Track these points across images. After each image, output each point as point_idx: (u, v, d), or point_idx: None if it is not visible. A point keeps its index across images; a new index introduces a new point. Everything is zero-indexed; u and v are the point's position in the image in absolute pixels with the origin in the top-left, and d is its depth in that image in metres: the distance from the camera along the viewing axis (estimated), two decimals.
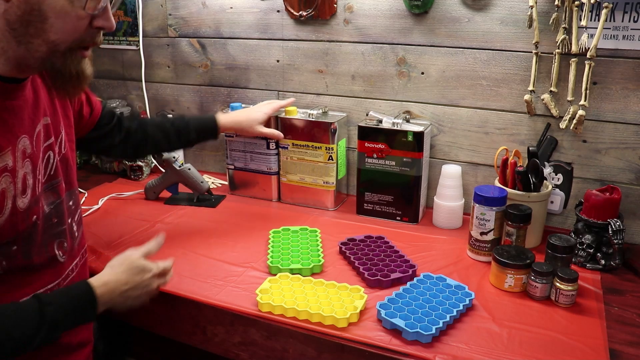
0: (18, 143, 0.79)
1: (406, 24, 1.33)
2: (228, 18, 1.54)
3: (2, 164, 0.76)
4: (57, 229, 0.90)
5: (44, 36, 0.73)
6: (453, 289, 1.00)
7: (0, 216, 0.76)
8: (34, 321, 0.77)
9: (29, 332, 0.76)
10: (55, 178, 0.89)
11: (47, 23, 0.72)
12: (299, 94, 1.53)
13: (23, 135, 0.80)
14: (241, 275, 1.08)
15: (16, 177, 0.79)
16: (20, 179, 0.80)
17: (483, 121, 1.33)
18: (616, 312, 0.97)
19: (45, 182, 0.87)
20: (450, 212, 1.31)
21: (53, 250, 0.89)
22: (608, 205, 1.10)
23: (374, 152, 1.32)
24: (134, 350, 1.27)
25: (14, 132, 0.79)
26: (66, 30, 0.74)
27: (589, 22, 1.10)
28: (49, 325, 0.78)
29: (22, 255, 0.82)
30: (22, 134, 0.80)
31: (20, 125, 0.80)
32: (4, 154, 0.76)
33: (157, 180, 1.48)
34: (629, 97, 1.17)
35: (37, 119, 0.85)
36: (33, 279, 0.85)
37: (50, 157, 0.88)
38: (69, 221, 0.93)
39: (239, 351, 0.98)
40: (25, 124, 0.81)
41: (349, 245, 1.18)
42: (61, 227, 0.91)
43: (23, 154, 0.80)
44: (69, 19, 0.73)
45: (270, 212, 1.43)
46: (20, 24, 0.72)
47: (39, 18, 0.72)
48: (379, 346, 0.86)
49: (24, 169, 0.81)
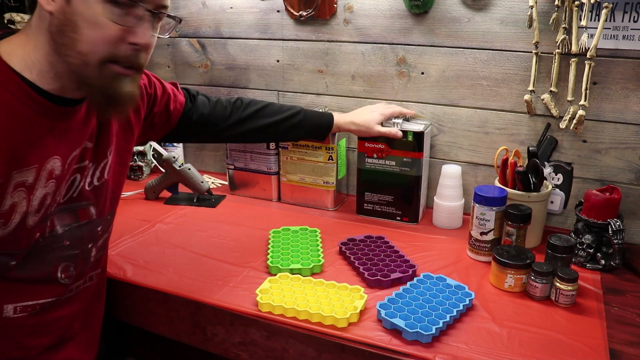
0: (47, 163, 0.78)
1: (406, 24, 1.33)
2: (228, 18, 1.54)
3: (21, 179, 0.75)
4: (66, 252, 0.88)
5: (76, 47, 0.72)
6: (453, 289, 1.00)
7: (4, 228, 0.76)
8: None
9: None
10: (78, 201, 0.87)
11: (78, 33, 0.72)
12: (299, 94, 1.53)
13: (55, 157, 0.79)
14: (241, 275, 1.08)
15: (33, 194, 0.78)
16: (38, 198, 0.79)
17: (483, 121, 1.33)
18: (616, 312, 0.97)
19: (64, 203, 0.85)
20: (450, 212, 1.31)
21: (56, 272, 0.87)
22: (608, 205, 1.10)
23: (374, 152, 1.32)
24: (134, 350, 1.27)
25: (48, 152, 0.78)
26: (96, 40, 0.72)
27: (589, 22, 1.10)
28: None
29: (17, 267, 0.81)
30: (56, 155, 0.79)
31: (57, 147, 0.79)
32: (27, 169, 0.76)
33: (157, 180, 1.48)
34: (629, 97, 1.17)
35: (77, 144, 0.83)
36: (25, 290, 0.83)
37: (77, 179, 0.86)
38: (88, 246, 0.92)
39: (239, 351, 0.98)
40: (62, 146, 0.80)
41: (349, 245, 1.18)
42: (73, 251, 0.89)
43: (50, 174, 0.79)
44: (98, 28, 0.72)
45: (270, 212, 1.43)
46: (58, 35, 0.72)
47: (72, 28, 0.71)
48: (379, 346, 0.86)
49: (46, 189, 0.79)
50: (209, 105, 1.17)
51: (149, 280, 1.05)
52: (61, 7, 0.71)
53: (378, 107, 1.34)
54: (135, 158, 1.63)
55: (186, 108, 1.13)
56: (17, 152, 0.74)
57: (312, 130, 1.28)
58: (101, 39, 0.72)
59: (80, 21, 0.71)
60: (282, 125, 1.23)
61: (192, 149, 1.75)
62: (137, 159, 1.64)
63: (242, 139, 1.32)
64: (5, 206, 0.74)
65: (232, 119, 1.19)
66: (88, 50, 0.73)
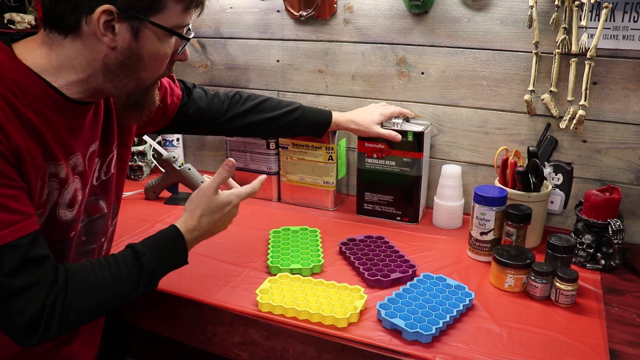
0: (70, 159, 0.81)
1: (406, 24, 1.33)
2: (228, 18, 1.54)
3: (54, 171, 0.78)
4: (85, 247, 0.91)
5: (136, 75, 0.78)
6: (453, 289, 1.00)
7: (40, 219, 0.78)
8: (134, 273, 0.81)
9: (131, 284, 0.81)
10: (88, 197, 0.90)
11: (141, 64, 0.77)
12: (299, 94, 1.53)
13: (77, 153, 0.83)
14: (241, 275, 1.08)
15: (65, 188, 0.81)
16: (70, 192, 0.82)
17: (483, 121, 1.33)
18: (616, 312, 0.97)
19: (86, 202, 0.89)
20: (450, 212, 1.31)
21: None
22: (608, 205, 1.10)
23: (374, 152, 1.32)
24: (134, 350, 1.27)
25: (70, 149, 0.81)
26: (156, 69, 0.80)
27: (589, 22, 1.10)
28: (149, 274, 0.82)
29: None
30: (77, 152, 0.83)
31: (76, 144, 0.83)
32: (59, 164, 0.79)
33: (157, 180, 1.48)
34: (629, 97, 1.17)
35: (91, 141, 0.87)
36: None
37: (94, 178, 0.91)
38: (102, 240, 0.95)
39: (239, 351, 0.98)
40: (79, 144, 0.84)
41: (349, 245, 1.18)
42: (90, 246, 0.92)
43: (73, 170, 0.82)
44: (160, 59, 0.79)
45: (270, 212, 1.43)
46: (118, 67, 0.76)
47: (137, 62, 0.76)
48: (379, 346, 0.86)
49: (75, 184, 0.83)
50: (205, 98, 1.18)
51: None
52: (128, 45, 0.74)
53: (378, 107, 1.34)
54: (135, 158, 1.63)
55: (183, 101, 1.14)
56: (47, 148, 0.77)
57: (310, 127, 1.28)
58: (160, 65, 0.80)
59: (146, 54, 0.76)
60: (279, 120, 1.23)
61: (192, 149, 1.75)
62: (137, 159, 1.64)
63: (239, 133, 1.33)
64: (44, 196, 0.77)
65: (229, 113, 1.19)
66: (147, 76, 0.80)
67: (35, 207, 0.75)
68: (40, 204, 0.77)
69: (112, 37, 0.73)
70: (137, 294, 0.82)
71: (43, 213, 0.78)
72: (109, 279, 0.79)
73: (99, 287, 0.78)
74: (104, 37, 0.72)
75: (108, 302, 0.79)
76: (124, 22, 0.72)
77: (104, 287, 0.78)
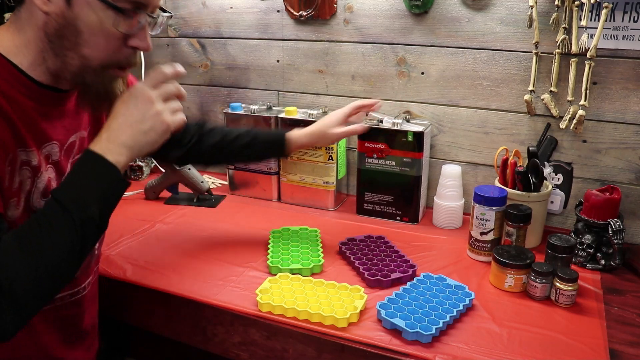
0: (43, 147, 0.80)
1: (406, 24, 1.33)
2: (228, 18, 1.54)
3: (26, 158, 0.76)
4: None
5: (78, 50, 0.74)
6: (453, 289, 1.00)
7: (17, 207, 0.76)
8: (56, 213, 0.69)
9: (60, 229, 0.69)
10: None
11: (80, 38, 0.73)
12: (299, 94, 1.53)
13: (53, 142, 0.81)
14: (241, 275, 1.08)
15: (38, 176, 0.79)
16: (42, 181, 0.80)
17: (483, 121, 1.33)
18: (616, 312, 0.97)
19: None
20: (450, 212, 1.31)
21: None
22: (608, 205, 1.10)
23: (374, 152, 1.32)
24: (134, 350, 1.27)
25: (44, 137, 0.80)
26: (99, 46, 0.74)
27: (589, 22, 1.10)
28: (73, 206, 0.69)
29: None
30: (52, 141, 0.81)
31: (53, 132, 0.81)
32: (30, 151, 0.77)
33: (157, 180, 1.48)
34: (629, 97, 1.17)
35: (73, 130, 0.85)
36: None
37: None
38: None
39: (239, 351, 0.98)
40: (57, 132, 0.82)
41: (349, 245, 1.18)
42: None
43: (47, 158, 0.81)
44: (102, 35, 0.73)
45: (270, 212, 1.43)
46: (57, 37, 0.73)
47: (74, 32, 0.73)
48: (379, 346, 0.86)
49: (48, 173, 0.81)
50: None
51: (149, 280, 1.05)
52: (60, 10, 0.71)
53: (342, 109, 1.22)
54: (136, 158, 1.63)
55: None
56: (18, 133, 0.75)
57: (267, 147, 1.19)
58: (105, 46, 0.74)
59: (83, 26, 0.72)
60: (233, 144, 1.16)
61: None
62: (137, 159, 1.64)
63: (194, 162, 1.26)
64: (15, 183, 0.76)
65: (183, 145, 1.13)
66: (91, 55, 0.74)
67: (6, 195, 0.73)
68: (12, 192, 0.75)
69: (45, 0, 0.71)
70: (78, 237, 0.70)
71: (18, 202, 0.76)
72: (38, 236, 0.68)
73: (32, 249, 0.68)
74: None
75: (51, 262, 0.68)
76: None
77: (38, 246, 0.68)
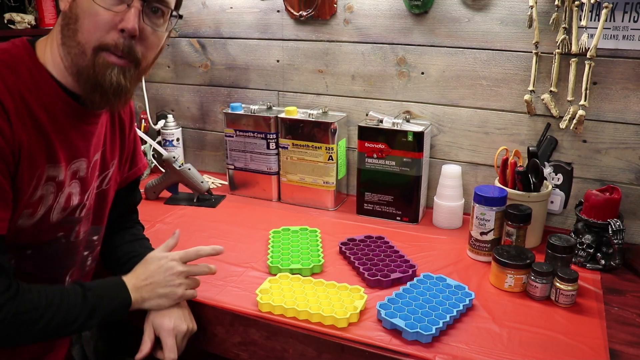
0: (73, 163, 0.83)
1: (406, 24, 1.33)
2: (228, 18, 1.54)
3: (53, 173, 0.79)
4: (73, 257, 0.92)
5: (75, 37, 0.76)
6: (453, 289, 1.00)
7: (30, 218, 0.79)
8: (77, 303, 0.80)
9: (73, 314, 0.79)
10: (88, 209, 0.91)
11: (77, 23, 0.76)
12: (299, 94, 1.53)
13: (82, 158, 0.84)
14: (241, 275, 1.08)
15: (62, 191, 0.82)
16: (64, 196, 0.82)
17: (483, 121, 1.33)
18: (616, 312, 0.97)
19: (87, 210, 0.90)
20: (450, 212, 1.31)
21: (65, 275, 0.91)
22: (608, 205, 1.10)
23: (374, 152, 1.32)
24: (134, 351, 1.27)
25: (74, 152, 0.82)
26: (90, 28, 0.76)
27: (589, 22, 1.10)
28: (89, 310, 0.81)
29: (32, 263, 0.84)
30: (82, 157, 0.84)
31: (83, 149, 0.84)
32: (59, 166, 0.80)
33: (157, 180, 1.48)
34: (629, 97, 1.17)
35: (97, 149, 0.88)
36: None
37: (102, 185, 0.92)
38: (84, 253, 0.95)
39: (239, 351, 0.98)
40: (87, 149, 0.85)
41: (349, 245, 1.18)
42: (75, 257, 0.93)
43: (74, 174, 0.83)
44: (92, 16, 0.75)
45: (270, 212, 1.43)
46: (65, 29, 0.77)
47: (74, 19, 0.76)
48: (379, 346, 0.86)
49: (71, 188, 0.83)
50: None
51: None
52: (70, 3, 0.76)
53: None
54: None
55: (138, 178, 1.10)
56: (51, 148, 0.78)
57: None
58: (94, 26, 0.75)
59: (80, 12, 0.75)
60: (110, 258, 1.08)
61: (192, 149, 1.75)
62: None
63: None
64: (36, 196, 0.78)
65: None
66: (84, 39, 0.76)
67: (21, 204, 0.76)
68: (30, 203, 0.77)
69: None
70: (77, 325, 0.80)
71: (33, 213, 0.79)
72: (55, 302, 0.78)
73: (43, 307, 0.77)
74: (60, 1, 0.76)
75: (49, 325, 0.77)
76: None
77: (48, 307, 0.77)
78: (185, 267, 0.93)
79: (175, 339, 0.90)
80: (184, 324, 0.91)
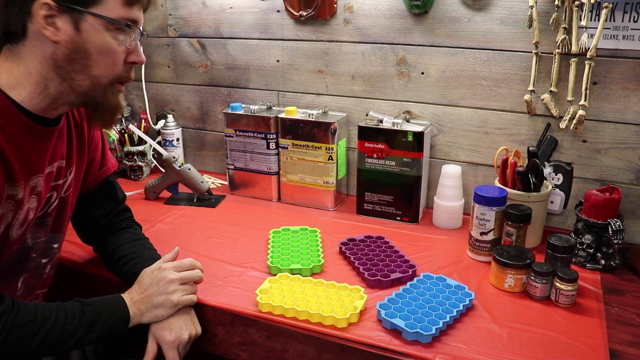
0: (30, 180, 0.83)
1: (406, 24, 1.33)
2: (228, 18, 1.54)
3: (12, 192, 0.80)
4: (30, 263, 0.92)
5: (88, 71, 0.79)
6: (453, 289, 1.00)
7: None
8: (75, 318, 0.82)
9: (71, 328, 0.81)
10: (48, 217, 0.92)
11: (90, 59, 0.79)
12: (299, 94, 1.53)
13: (39, 174, 0.85)
14: (241, 275, 1.08)
15: (21, 209, 0.82)
16: (23, 212, 0.83)
17: (483, 121, 1.33)
18: (616, 312, 0.97)
19: (37, 218, 0.90)
20: (450, 212, 1.31)
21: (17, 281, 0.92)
22: (608, 205, 1.10)
23: (374, 152, 1.32)
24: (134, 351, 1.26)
25: (32, 169, 0.83)
26: (107, 65, 0.80)
27: (589, 22, 1.10)
28: (88, 324, 0.83)
29: None
30: (39, 173, 0.85)
31: (40, 165, 0.85)
32: (17, 185, 0.80)
33: (157, 180, 1.48)
34: (629, 97, 1.17)
35: (53, 160, 0.89)
36: None
37: (53, 196, 0.92)
38: (42, 261, 0.96)
39: (239, 351, 0.98)
40: (43, 165, 0.86)
41: (349, 245, 1.18)
42: (31, 264, 0.93)
43: (32, 190, 0.84)
44: (110, 54, 0.80)
45: (270, 212, 1.43)
46: (66, 62, 0.78)
47: (84, 55, 0.78)
48: (379, 346, 0.86)
49: (29, 204, 0.84)
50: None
51: None
52: (70, 37, 0.77)
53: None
54: (135, 158, 1.63)
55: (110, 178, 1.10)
56: (9, 168, 0.78)
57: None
58: (112, 63, 0.81)
59: (92, 48, 0.78)
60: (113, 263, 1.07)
61: (192, 149, 1.75)
62: (137, 159, 1.64)
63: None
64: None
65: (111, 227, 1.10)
66: (101, 73, 0.81)
67: None
68: None
69: (54, 31, 0.75)
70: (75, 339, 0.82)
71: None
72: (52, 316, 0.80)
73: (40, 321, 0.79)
74: (45, 30, 0.75)
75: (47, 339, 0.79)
76: (63, 14, 0.75)
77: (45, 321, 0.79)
78: (178, 275, 0.94)
79: (177, 351, 0.91)
80: (185, 333, 0.91)
